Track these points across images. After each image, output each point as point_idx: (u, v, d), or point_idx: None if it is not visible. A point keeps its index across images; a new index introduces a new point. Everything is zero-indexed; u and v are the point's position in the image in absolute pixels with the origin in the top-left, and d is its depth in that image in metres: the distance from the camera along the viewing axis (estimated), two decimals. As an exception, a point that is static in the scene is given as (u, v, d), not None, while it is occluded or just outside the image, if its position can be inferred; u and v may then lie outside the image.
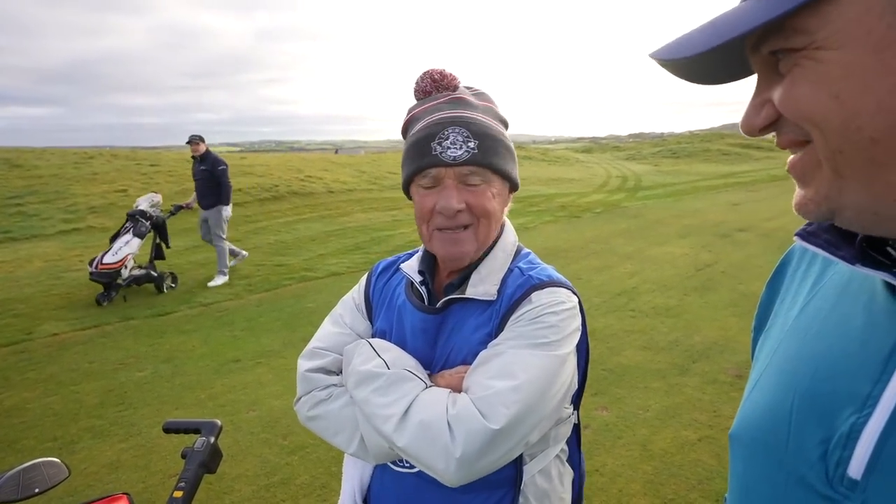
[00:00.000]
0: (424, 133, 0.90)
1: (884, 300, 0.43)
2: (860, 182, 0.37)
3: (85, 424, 3.22)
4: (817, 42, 0.36)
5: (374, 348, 0.92)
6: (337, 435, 0.92)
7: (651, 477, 2.54)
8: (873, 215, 0.39)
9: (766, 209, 10.37)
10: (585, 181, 17.68)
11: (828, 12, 0.35)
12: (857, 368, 0.43)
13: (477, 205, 0.89)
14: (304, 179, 13.60)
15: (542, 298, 0.88)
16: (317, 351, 1.01)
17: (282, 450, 2.89)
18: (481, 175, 0.89)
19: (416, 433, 0.80)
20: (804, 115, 0.38)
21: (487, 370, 0.84)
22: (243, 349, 4.31)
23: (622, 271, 6.23)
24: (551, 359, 0.84)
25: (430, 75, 0.96)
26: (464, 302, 0.93)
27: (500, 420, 0.78)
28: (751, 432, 0.51)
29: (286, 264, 7.14)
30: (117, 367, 4.05)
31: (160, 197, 6.56)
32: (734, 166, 22.73)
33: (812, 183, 0.41)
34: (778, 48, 0.39)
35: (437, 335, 0.94)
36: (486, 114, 0.94)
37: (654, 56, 0.43)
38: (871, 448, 0.39)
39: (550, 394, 0.84)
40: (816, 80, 0.37)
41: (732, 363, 3.70)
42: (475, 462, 0.78)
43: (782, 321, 0.56)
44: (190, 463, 1.02)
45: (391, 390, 0.85)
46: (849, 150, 0.37)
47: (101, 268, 5.52)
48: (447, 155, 0.87)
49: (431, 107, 0.93)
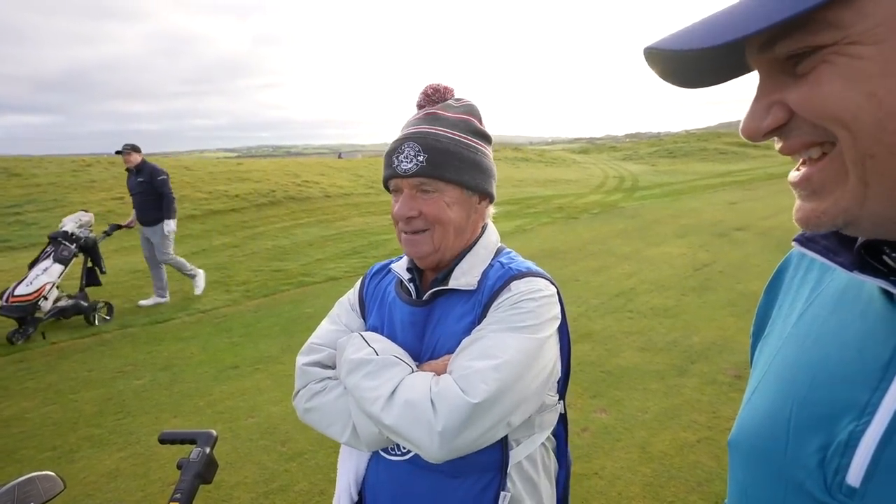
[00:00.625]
0: (390, 147, 1.00)
1: (881, 307, 0.43)
2: (888, 190, 0.36)
3: (84, 433, 3.21)
4: (851, 37, 0.34)
5: (364, 339, 0.99)
6: (331, 426, 0.98)
7: (650, 479, 2.54)
8: (894, 224, 0.38)
9: (763, 208, 10.38)
10: (582, 182, 17.70)
11: (864, 5, 0.33)
12: (855, 376, 0.42)
13: (429, 212, 0.97)
14: (302, 184, 13.61)
15: (520, 287, 0.95)
16: (314, 346, 1.08)
17: (280, 456, 2.88)
18: (433, 185, 0.97)
19: (401, 412, 0.85)
20: (833, 115, 0.36)
21: (469, 353, 0.90)
22: (241, 355, 4.30)
23: (620, 272, 6.24)
24: (530, 341, 0.90)
25: (425, 91, 1.04)
26: (448, 294, 1.01)
27: (479, 395, 0.83)
28: (750, 439, 0.51)
29: (284, 269, 7.14)
30: (115, 375, 4.04)
31: (91, 216, 5.86)
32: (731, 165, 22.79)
33: (831, 195, 0.38)
34: (802, 45, 0.36)
35: (425, 327, 1.00)
36: (454, 127, 1.00)
37: (655, 46, 0.40)
38: (869, 455, 0.39)
39: (530, 375, 0.89)
40: (850, 77, 0.34)
41: (731, 363, 3.70)
42: (456, 436, 0.83)
43: (781, 327, 0.56)
44: (185, 474, 1.01)
45: (379, 374, 0.91)
46: (881, 154, 0.35)
47: (13, 300, 4.69)
48: (401, 168, 0.97)
49: (409, 123, 1.03)
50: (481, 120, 1.05)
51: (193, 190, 12.10)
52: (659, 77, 0.44)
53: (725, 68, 0.43)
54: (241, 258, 7.94)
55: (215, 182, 12.91)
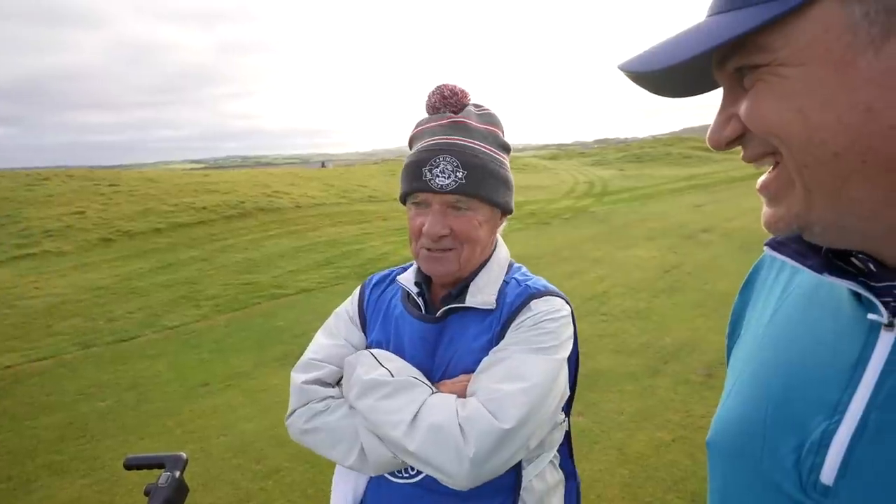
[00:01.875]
0: (418, 157, 0.93)
1: (850, 308, 0.44)
2: (826, 197, 0.38)
3: (43, 461, 3.05)
4: (780, 59, 0.37)
5: (377, 358, 0.94)
6: (335, 447, 0.92)
7: (628, 480, 2.56)
8: (839, 230, 0.40)
9: (727, 210, 10.71)
10: (553, 188, 17.96)
11: (790, 31, 0.36)
12: (826, 376, 0.43)
13: (461, 231, 0.93)
14: (271, 195, 13.38)
15: (540, 306, 0.93)
16: (312, 362, 1.01)
17: (255, 475, 2.80)
18: (467, 203, 0.93)
19: (427, 436, 0.82)
20: (769, 129, 0.39)
21: (493, 374, 0.87)
22: (212, 372, 4.17)
23: (592, 276, 6.33)
24: (552, 362, 0.89)
25: (441, 91, 0.97)
26: (463, 312, 0.96)
27: (511, 420, 0.81)
28: (727, 440, 0.52)
29: (255, 282, 6.98)
30: (77, 398, 3.86)
31: None
32: (695, 169, 23.49)
33: (784, 201, 0.41)
34: (743, 64, 0.40)
35: (437, 344, 0.96)
36: (485, 140, 0.97)
37: (622, 68, 0.43)
38: (841, 454, 0.40)
39: (552, 396, 0.88)
40: (780, 95, 0.38)
41: (702, 362, 3.78)
42: (486, 462, 0.80)
43: (755, 328, 0.57)
44: (154, 500, 0.97)
45: (398, 396, 0.87)
46: (813, 165, 0.37)
47: None
48: (435, 183, 0.91)
49: (431, 128, 0.97)
50: (503, 130, 1.02)
51: (158, 203, 11.76)
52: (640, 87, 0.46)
53: (703, 80, 0.45)
54: (210, 272, 7.73)
55: (181, 194, 12.58)
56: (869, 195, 0.37)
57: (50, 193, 11.68)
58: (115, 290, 6.75)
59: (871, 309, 0.41)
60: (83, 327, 5.46)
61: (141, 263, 8.18)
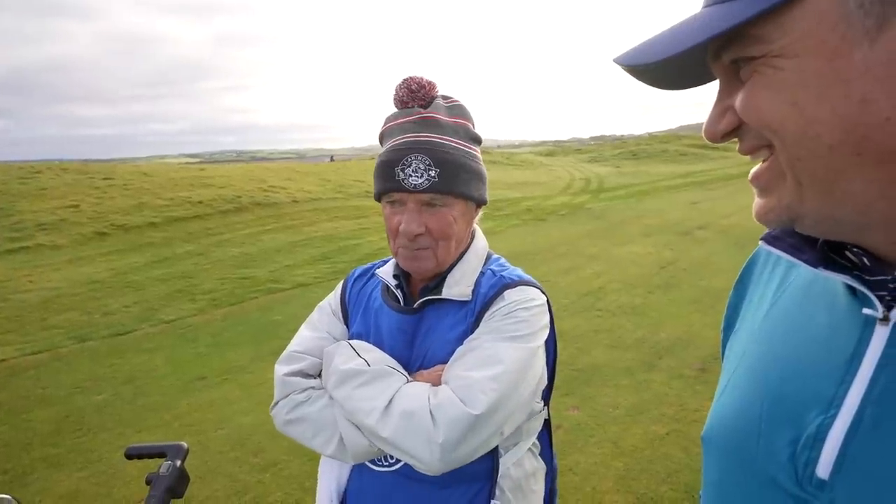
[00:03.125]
0: (389, 157, 0.93)
1: (845, 302, 0.44)
2: (819, 190, 0.38)
3: (39, 454, 3.05)
4: (775, 50, 0.37)
5: (354, 349, 0.95)
6: (316, 437, 0.94)
7: (623, 473, 2.59)
8: (833, 222, 0.40)
9: (722, 207, 10.76)
10: (550, 184, 17.97)
11: (785, 22, 0.36)
12: (822, 370, 0.43)
13: (436, 228, 0.93)
14: (268, 190, 13.33)
15: (513, 296, 0.94)
16: (294, 355, 1.03)
17: (253, 468, 2.81)
18: (442, 200, 0.93)
19: (399, 423, 0.83)
20: (764, 122, 0.39)
21: (465, 363, 0.88)
22: (209, 366, 4.18)
23: (588, 272, 6.35)
24: (524, 350, 0.90)
25: (408, 85, 0.96)
26: (439, 303, 0.98)
27: (480, 406, 0.82)
28: (723, 434, 0.52)
29: (251, 277, 6.97)
30: (73, 391, 3.86)
31: None
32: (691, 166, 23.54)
33: (775, 192, 0.41)
34: (738, 56, 0.39)
35: (415, 335, 0.98)
36: (455, 135, 0.96)
37: (617, 62, 0.43)
38: (837, 448, 0.40)
39: (524, 383, 0.89)
40: (775, 88, 0.37)
41: (696, 357, 3.81)
42: (456, 448, 0.82)
43: (750, 323, 0.57)
44: (155, 489, 0.97)
45: (373, 384, 0.88)
46: (808, 158, 0.37)
47: None
48: (409, 182, 0.91)
49: (401, 125, 0.95)
50: (473, 121, 1.01)
51: (153, 197, 11.70)
52: (638, 80, 0.46)
53: (701, 72, 0.45)
54: (206, 266, 7.71)
55: (177, 188, 12.51)
56: (863, 188, 0.37)
57: (43, 187, 11.59)
58: (110, 284, 6.73)
59: (866, 303, 0.41)
60: (79, 321, 5.44)
61: (136, 257, 8.15)
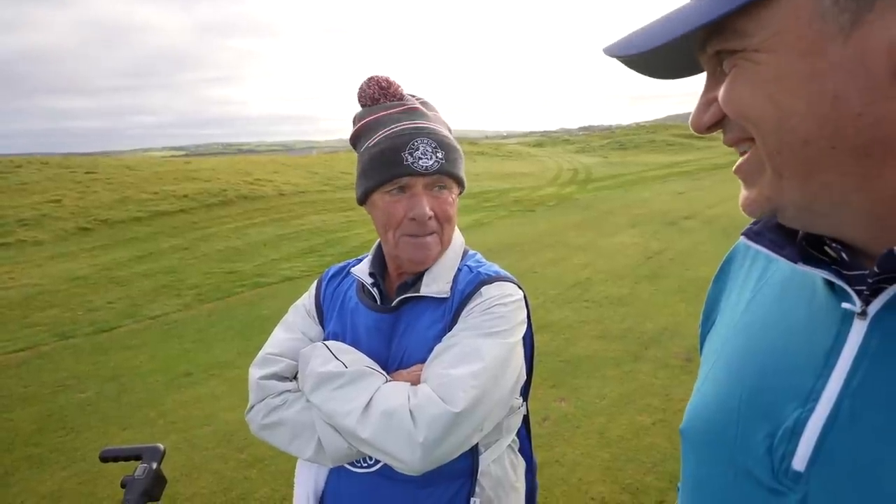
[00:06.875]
0: (392, 143, 0.92)
1: (823, 296, 0.45)
2: (798, 182, 0.39)
3: (21, 454, 3.00)
4: (754, 45, 0.37)
5: (331, 351, 0.93)
6: (293, 441, 0.92)
7: (609, 463, 2.62)
8: (811, 214, 0.40)
9: (708, 197, 10.85)
10: (538, 175, 18.00)
11: (763, 17, 0.36)
12: (800, 364, 0.44)
13: (441, 211, 0.94)
14: (254, 182, 13.20)
15: (491, 292, 0.94)
16: (269, 357, 1.01)
17: (239, 464, 2.79)
18: (445, 183, 0.95)
19: (378, 423, 0.82)
20: (743, 114, 0.39)
21: (444, 360, 0.87)
22: (195, 362, 4.14)
23: (575, 263, 6.38)
24: (503, 346, 0.89)
25: (377, 82, 0.97)
26: (416, 301, 0.97)
27: (460, 403, 0.82)
28: (700, 427, 0.52)
29: (238, 271, 6.91)
30: (56, 389, 3.80)
31: None
32: (678, 156, 23.72)
33: (756, 184, 0.42)
34: (721, 48, 0.40)
35: (392, 334, 0.97)
36: (439, 122, 0.99)
37: (606, 52, 0.44)
38: (813, 441, 0.40)
39: (504, 379, 0.89)
40: (753, 81, 0.38)
41: (682, 347, 3.85)
42: (438, 446, 0.81)
43: (729, 316, 0.57)
44: (130, 493, 0.96)
45: (352, 386, 0.87)
46: (785, 151, 0.38)
47: None
48: (419, 165, 0.91)
49: (389, 115, 0.96)
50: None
51: (137, 191, 11.52)
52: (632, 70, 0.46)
53: (692, 63, 0.45)
54: (191, 261, 7.62)
55: (161, 182, 12.34)
56: (839, 181, 0.37)
57: (24, 181, 11.37)
58: (94, 280, 6.63)
59: (845, 298, 0.41)
60: (61, 318, 5.36)
61: (120, 252, 8.04)
